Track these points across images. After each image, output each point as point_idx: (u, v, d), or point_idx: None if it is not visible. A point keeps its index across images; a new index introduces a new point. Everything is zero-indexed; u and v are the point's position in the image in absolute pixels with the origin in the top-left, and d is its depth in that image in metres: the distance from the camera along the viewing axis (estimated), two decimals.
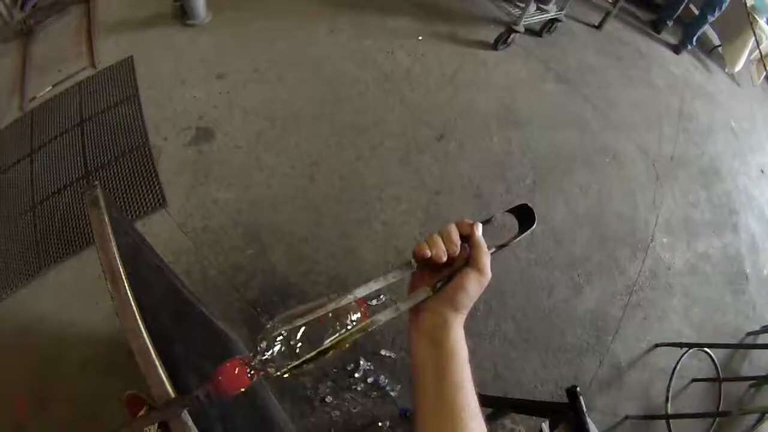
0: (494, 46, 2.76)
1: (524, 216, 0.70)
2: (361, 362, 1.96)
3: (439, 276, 0.64)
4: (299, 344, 0.55)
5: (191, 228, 2.09)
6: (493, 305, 2.28)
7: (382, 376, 1.97)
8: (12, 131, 2.47)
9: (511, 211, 0.71)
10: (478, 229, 0.65)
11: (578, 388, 1.42)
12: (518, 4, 2.68)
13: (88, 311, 1.93)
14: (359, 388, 1.93)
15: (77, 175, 2.31)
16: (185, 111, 2.37)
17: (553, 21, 3.08)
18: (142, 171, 2.27)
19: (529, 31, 2.99)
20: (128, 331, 0.71)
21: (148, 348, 0.70)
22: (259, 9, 2.82)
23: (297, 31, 2.73)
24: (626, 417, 2.73)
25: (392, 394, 1.96)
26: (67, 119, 2.46)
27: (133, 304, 0.73)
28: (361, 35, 2.69)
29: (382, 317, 0.59)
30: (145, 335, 0.71)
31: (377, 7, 2.67)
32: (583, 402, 1.44)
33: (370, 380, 1.95)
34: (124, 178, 2.25)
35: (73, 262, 2.06)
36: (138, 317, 0.72)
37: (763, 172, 4.17)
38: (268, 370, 0.54)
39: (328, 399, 1.89)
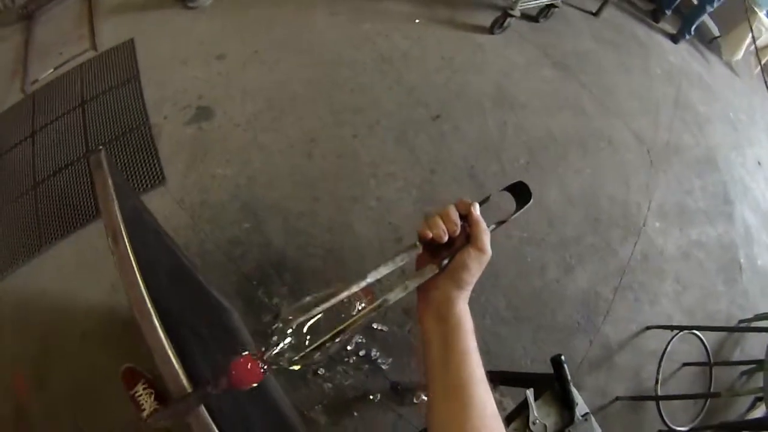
0: (491, 30, 2.79)
1: (521, 193, 0.73)
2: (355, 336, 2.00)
3: (441, 254, 0.66)
4: (309, 336, 0.56)
5: (189, 204, 2.13)
6: (485, 283, 2.31)
7: (374, 350, 2.00)
8: (13, 113, 2.50)
9: (508, 189, 0.74)
10: (476, 209, 0.67)
11: (563, 357, 1.44)
12: None
13: (87, 286, 1.97)
14: (351, 361, 1.97)
15: (78, 155, 2.35)
16: (185, 91, 2.41)
17: (549, 6, 3.10)
18: (142, 149, 2.30)
19: (526, 16, 3.02)
20: (127, 285, 0.75)
21: (145, 300, 0.74)
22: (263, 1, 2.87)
23: (297, 15, 2.76)
24: (617, 398, 2.76)
25: (384, 367, 2.00)
26: (68, 100, 2.49)
27: (132, 259, 0.76)
28: (360, 19, 2.73)
29: (392, 296, 0.62)
30: (143, 288, 0.74)
31: None
32: (567, 370, 1.46)
33: (362, 353, 1.99)
34: (125, 156, 2.29)
35: (73, 240, 2.10)
36: (137, 271, 0.75)
37: (760, 164, 4.20)
38: (281, 362, 0.56)
39: (321, 371, 1.92)
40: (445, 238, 0.64)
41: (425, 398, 1.02)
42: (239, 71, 2.47)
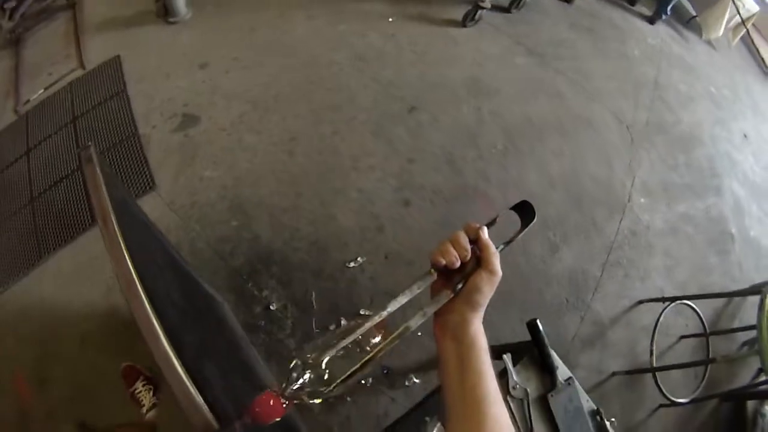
0: (463, 23, 2.86)
1: (525, 211, 0.76)
2: (343, 322, 2.05)
3: (454, 278, 0.69)
4: (327, 371, 0.59)
5: (179, 205, 2.21)
6: None
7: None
8: (8, 133, 2.60)
9: (513, 208, 0.77)
10: (485, 232, 0.70)
11: (538, 320, 1.47)
12: None
13: (85, 291, 2.05)
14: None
15: (72, 168, 2.45)
16: (171, 100, 2.50)
17: None
18: (132, 158, 2.39)
19: (498, 8, 3.09)
20: (115, 262, 0.81)
21: (134, 279, 0.80)
22: (239, 2, 2.97)
23: (276, 20, 2.85)
24: (613, 374, 2.78)
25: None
26: (60, 118, 2.59)
27: (121, 241, 0.82)
28: (336, 20, 2.81)
29: (412, 323, 0.67)
30: (131, 268, 0.80)
31: None
32: (544, 333, 1.49)
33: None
34: (116, 166, 2.38)
35: (70, 248, 2.19)
36: (125, 252, 0.81)
37: (746, 137, 4.22)
38: (302, 397, 0.59)
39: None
40: (458, 264, 0.67)
41: (416, 380, 1.09)
42: (221, 78, 2.57)
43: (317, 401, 0.59)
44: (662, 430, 3.08)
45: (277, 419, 0.60)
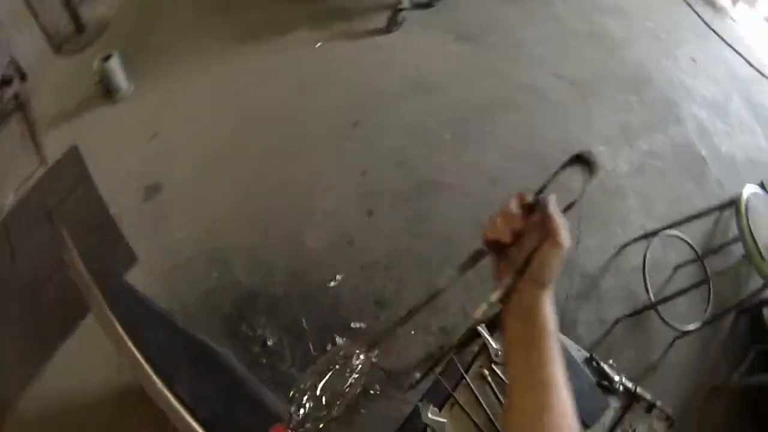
0: (388, 29, 2.96)
1: (582, 162, 0.68)
2: (337, 339, 2.12)
3: (515, 256, 0.64)
4: (325, 394, 0.66)
5: (161, 271, 2.31)
6: (450, 257, 2.45)
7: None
8: None
9: (568, 163, 0.70)
10: (551, 202, 0.65)
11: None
12: None
13: (98, 374, 2.12)
14: None
15: (58, 260, 2.55)
16: (131, 174, 2.62)
17: None
18: (111, 238, 2.51)
19: (419, 5, 3.19)
20: (115, 345, 0.89)
21: (137, 358, 0.88)
22: (176, 67, 3.08)
23: (213, 76, 2.96)
24: (616, 321, 2.81)
25: (374, 360, 2.13)
26: (35, 216, 2.71)
27: (117, 326, 0.92)
28: (270, 59, 2.90)
29: (479, 313, 0.63)
30: (131, 348, 0.89)
31: (276, 30, 2.88)
32: None
33: None
34: (97, 248, 2.49)
35: (75, 337, 2.27)
36: (123, 334, 0.90)
37: (694, 60, 4.28)
38: (307, 425, 0.65)
39: None
40: (509, 238, 0.64)
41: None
42: (172, 141, 2.67)
43: (321, 425, 0.65)
44: (683, 360, 3.10)
45: None
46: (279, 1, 2.63)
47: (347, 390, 0.68)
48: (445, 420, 1.28)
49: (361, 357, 0.72)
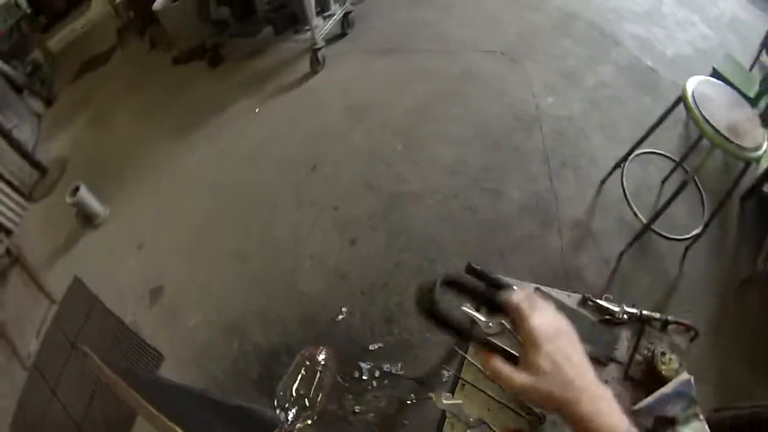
0: (314, 71, 3.10)
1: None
2: (362, 365, 2.21)
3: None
4: (302, 392, 0.78)
5: (187, 358, 2.45)
6: (432, 254, 2.51)
7: (384, 365, 2.21)
8: (30, 388, 2.87)
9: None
10: (511, 297, 0.68)
11: (470, 263, 1.44)
12: (304, 29, 3.02)
13: None
14: (373, 386, 2.17)
15: (94, 384, 2.71)
16: (133, 285, 2.78)
17: (346, 15, 3.35)
18: (134, 345, 2.66)
19: (334, 37, 3.33)
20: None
21: None
22: (139, 177, 3.24)
23: (171, 172, 3.10)
24: (620, 255, 2.84)
25: (400, 373, 2.20)
26: (62, 350, 2.87)
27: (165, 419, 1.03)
28: (215, 140, 3.02)
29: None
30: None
31: (214, 109, 3.01)
32: (484, 268, 1.42)
33: (377, 374, 2.19)
34: (126, 358, 2.65)
35: None
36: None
37: None
38: (298, 426, 0.77)
39: (357, 409, 2.11)
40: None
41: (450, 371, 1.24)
42: (158, 243, 2.84)
43: (309, 422, 0.75)
44: (703, 267, 3.10)
45: None
46: (210, 83, 2.77)
47: (320, 385, 0.79)
48: (460, 401, 1.33)
49: (321, 356, 0.85)
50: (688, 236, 2.99)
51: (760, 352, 3.01)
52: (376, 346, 2.25)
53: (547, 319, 0.64)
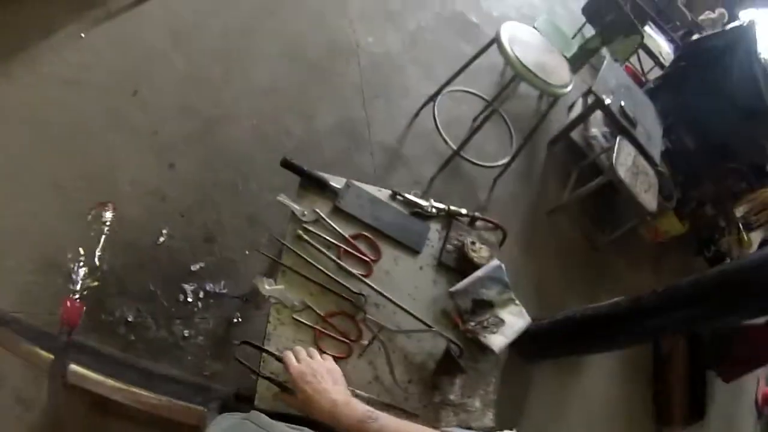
0: None
1: None
2: (186, 287, 2.22)
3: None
4: None
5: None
6: (251, 175, 2.59)
7: (207, 285, 2.25)
8: None
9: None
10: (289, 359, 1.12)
11: (285, 157, 1.55)
12: None
13: None
14: (199, 307, 2.19)
15: None
16: None
17: None
18: None
19: None
20: None
21: None
22: None
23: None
24: (432, 178, 3.12)
25: (224, 292, 2.26)
26: None
27: None
28: (35, 66, 2.40)
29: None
30: None
31: (37, 35, 2.44)
32: (297, 163, 1.57)
33: (201, 295, 2.22)
34: None
35: None
36: None
37: None
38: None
39: (186, 333, 2.13)
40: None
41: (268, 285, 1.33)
42: None
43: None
44: (510, 194, 3.54)
45: None
46: (35, 5, 2.53)
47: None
48: (282, 286, 1.38)
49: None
50: (496, 164, 3.44)
51: (568, 271, 3.65)
52: (198, 266, 2.27)
53: (305, 368, 1.08)
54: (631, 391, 3.58)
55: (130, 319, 2.08)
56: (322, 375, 1.05)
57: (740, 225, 4.32)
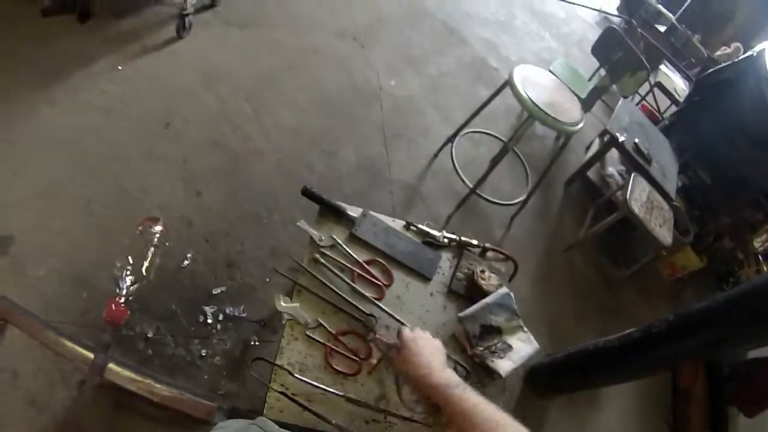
0: (179, 36, 3.16)
1: None
2: (206, 309, 2.29)
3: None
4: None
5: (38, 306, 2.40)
6: (271, 205, 2.70)
7: (227, 309, 2.32)
8: None
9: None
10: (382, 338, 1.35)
11: (306, 186, 1.67)
12: None
13: None
14: (218, 329, 2.26)
15: None
16: None
17: None
18: None
19: (203, 8, 3.35)
20: None
21: None
22: None
23: (32, 126, 2.69)
24: (449, 217, 3.15)
25: (243, 315, 2.33)
26: None
27: None
28: (75, 94, 2.67)
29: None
30: None
31: (77, 64, 2.72)
32: (317, 191, 1.68)
33: (221, 318, 2.28)
34: None
35: None
36: None
37: None
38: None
39: (203, 353, 2.18)
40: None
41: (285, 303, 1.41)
42: (10, 194, 2.73)
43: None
44: (526, 232, 3.59)
45: None
46: (76, 38, 2.76)
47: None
48: (297, 304, 1.46)
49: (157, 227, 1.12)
50: (512, 202, 3.49)
51: (583, 308, 3.61)
52: (219, 290, 2.35)
53: (418, 335, 1.23)
54: (650, 429, 3.47)
55: (149, 335, 2.15)
56: (429, 345, 1.19)
57: (759, 256, 4.24)
